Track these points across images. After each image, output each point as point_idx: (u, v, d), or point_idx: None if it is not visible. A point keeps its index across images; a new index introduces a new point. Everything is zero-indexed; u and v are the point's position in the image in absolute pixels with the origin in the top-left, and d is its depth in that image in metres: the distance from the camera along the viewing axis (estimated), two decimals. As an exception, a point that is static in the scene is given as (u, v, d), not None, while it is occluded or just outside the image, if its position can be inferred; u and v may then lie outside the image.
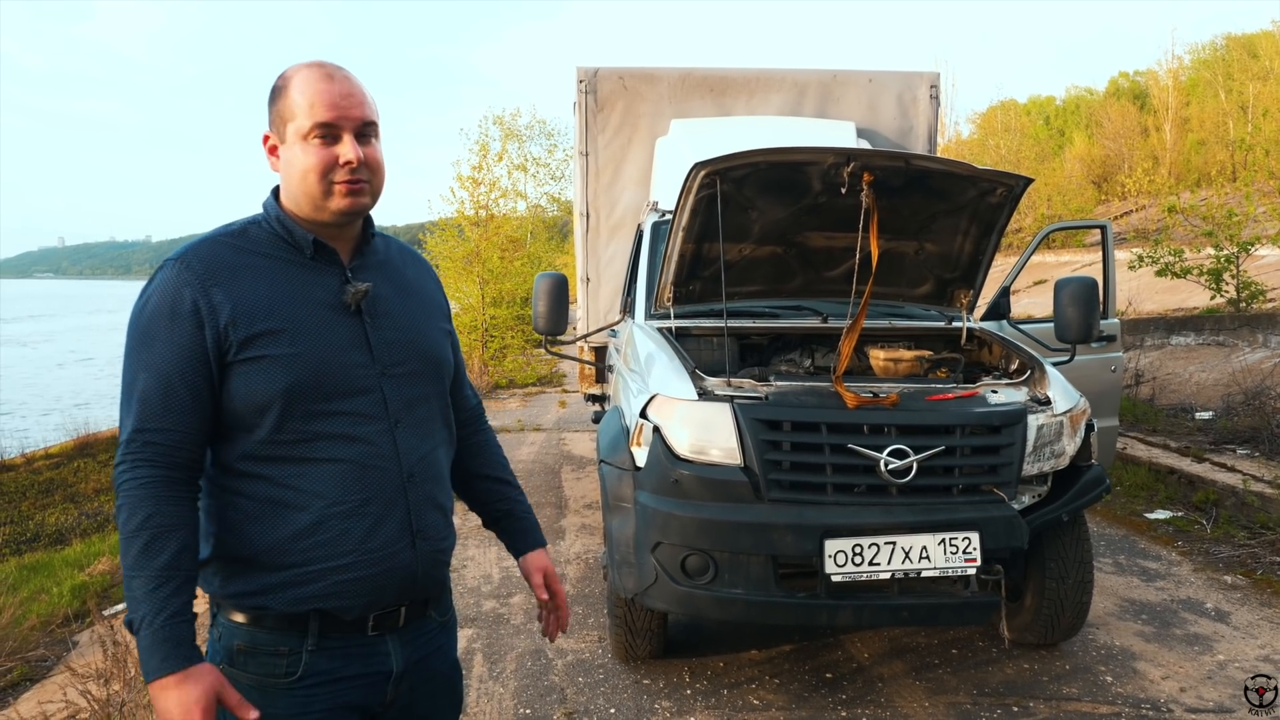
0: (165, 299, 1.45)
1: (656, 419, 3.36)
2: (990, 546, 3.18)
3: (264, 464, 1.47)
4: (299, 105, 1.49)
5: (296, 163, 1.51)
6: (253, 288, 1.48)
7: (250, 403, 1.46)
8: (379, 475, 1.52)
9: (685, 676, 3.68)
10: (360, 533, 1.49)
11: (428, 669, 1.63)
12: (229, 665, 1.48)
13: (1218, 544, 5.19)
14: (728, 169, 3.58)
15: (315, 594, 1.47)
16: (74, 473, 11.41)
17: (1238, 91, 26.53)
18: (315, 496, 1.47)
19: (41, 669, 4.86)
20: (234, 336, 1.45)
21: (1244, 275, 10.55)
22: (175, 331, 1.44)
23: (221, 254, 1.50)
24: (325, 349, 1.49)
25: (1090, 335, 4.22)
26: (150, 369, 1.43)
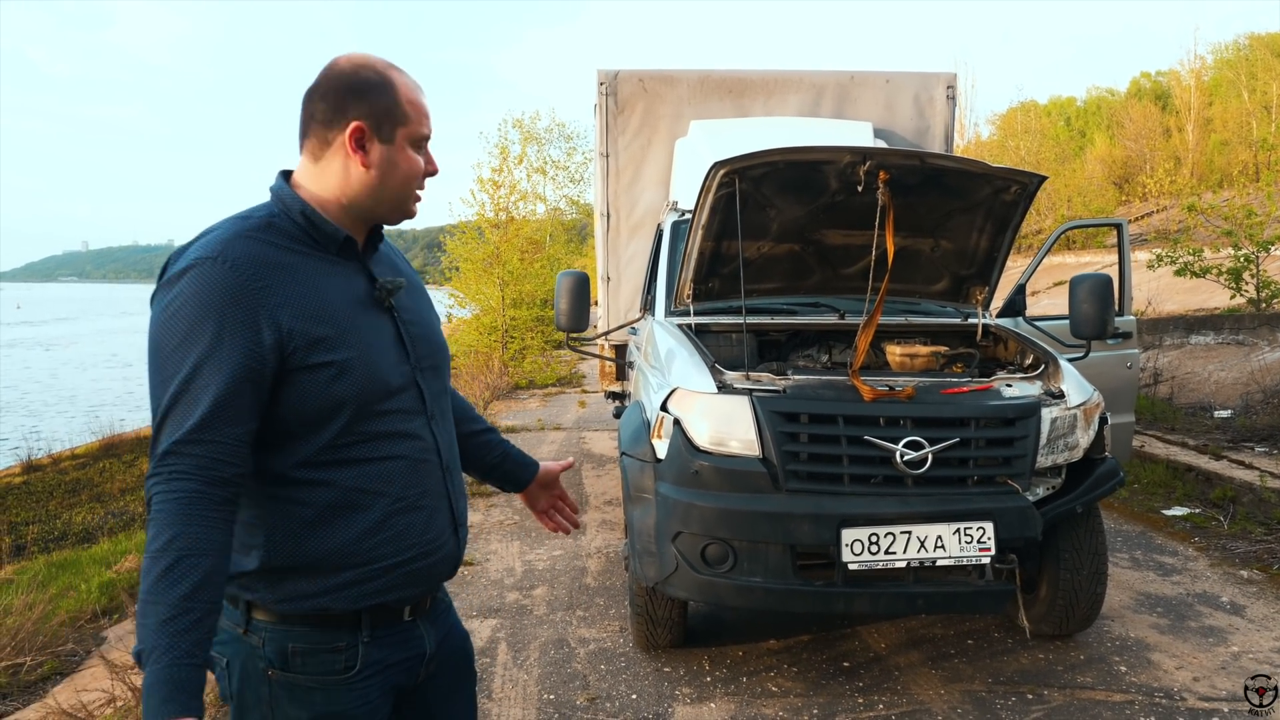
0: (211, 301, 1.34)
1: (677, 412, 3.44)
2: (1004, 536, 3.25)
3: (326, 469, 1.43)
4: (410, 113, 1.49)
5: (400, 167, 1.49)
6: (303, 289, 1.41)
7: (314, 411, 1.41)
8: (428, 468, 1.55)
9: (705, 664, 3.76)
10: (420, 526, 1.52)
11: (449, 645, 1.68)
12: (283, 670, 1.44)
13: (1234, 540, 5.22)
14: (746, 168, 3.67)
15: (379, 589, 1.48)
16: (100, 473, 11.63)
17: (1261, 91, 26.34)
18: (379, 495, 1.46)
19: (71, 663, 4.98)
20: (297, 342, 1.38)
21: (1264, 275, 10.52)
22: (227, 336, 1.33)
23: (261, 252, 1.40)
24: (374, 350, 1.47)
25: (1105, 331, 4.27)
26: (197, 375, 1.33)
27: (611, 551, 5.37)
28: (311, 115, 1.48)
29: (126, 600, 5.75)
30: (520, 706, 3.45)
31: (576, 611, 4.42)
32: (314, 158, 1.49)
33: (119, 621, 5.66)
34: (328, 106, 1.46)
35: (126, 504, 9.85)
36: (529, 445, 8.98)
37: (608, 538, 5.67)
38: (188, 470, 1.30)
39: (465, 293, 15.56)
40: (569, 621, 4.29)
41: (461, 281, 15.61)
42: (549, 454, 8.55)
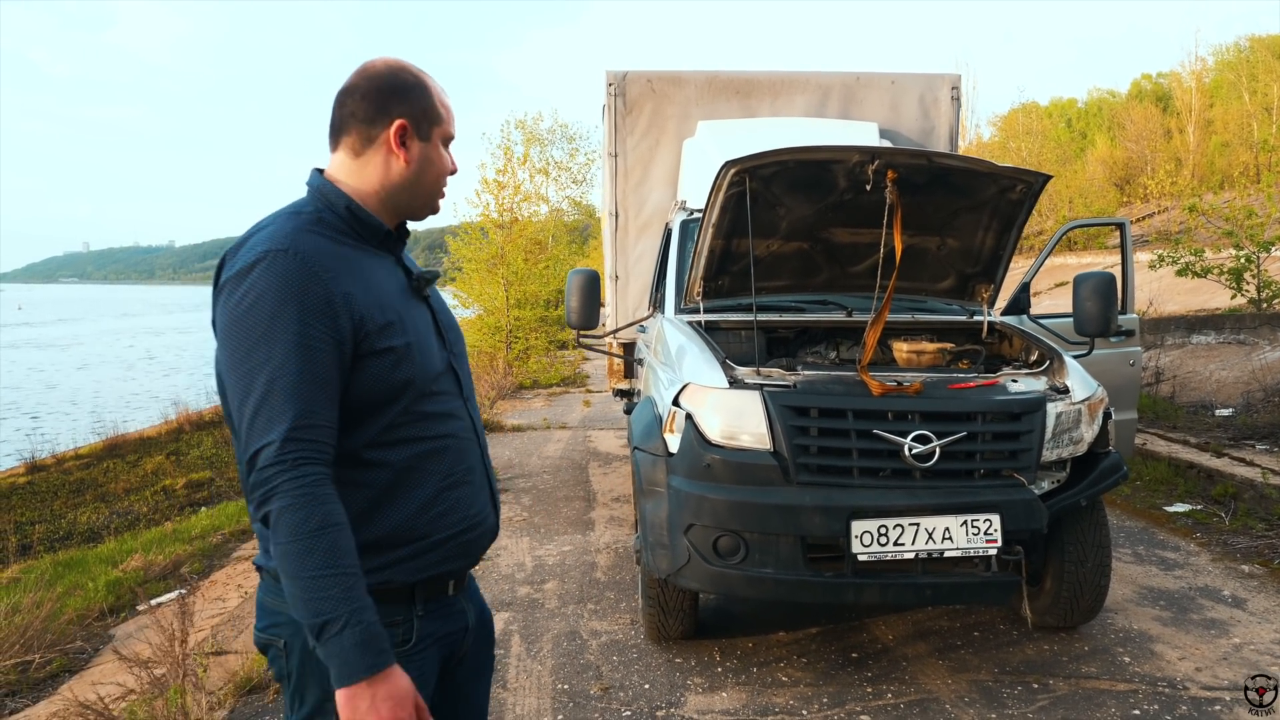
0: (290, 290, 1.40)
1: (689, 406, 3.51)
2: (1010, 528, 3.31)
3: (386, 449, 1.51)
4: (443, 114, 1.60)
5: (435, 163, 1.60)
6: (364, 279, 1.49)
7: (381, 393, 1.48)
8: (470, 446, 1.64)
9: (716, 655, 3.82)
10: (467, 500, 1.61)
11: (481, 620, 1.77)
12: None
13: (1236, 535, 5.28)
14: (757, 167, 3.73)
15: (434, 561, 1.56)
16: (104, 473, 11.66)
17: (1262, 93, 26.40)
18: (431, 473, 1.55)
19: (80, 660, 5.04)
20: (368, 328, 1.46)
21: (1265, 275, 10.58)
22: (312, 324, 1.40)
23: (323, 244, 1.48)
24: (421, 336, 1.57)
25: (1108, 329, 4.33)
26: (289, 365, 1.38)
27: (620, 547, 5.43)
28: (351, 114, 1.56)
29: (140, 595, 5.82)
30: (535, 696, 3.52)
31: (587, 605, 4.48)
32: (354, 153, 1.57)
33: (126, 619, 5.73)
34: (369, 106, 1.54)
35: (131, 504, 9.89)
36: (535, 444, 9.05)
37: (616, 534, 5.74)
38: (309, 455, 1.37)
39: (469, 293, 15.63)
40: (580, 614, 4.36)
41: (465, 282, 15.68)
42: (556, 452, 8.63)
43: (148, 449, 13.19)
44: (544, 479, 7.39)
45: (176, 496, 9.91)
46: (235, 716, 3.46)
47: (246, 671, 3.76)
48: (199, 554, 6.91)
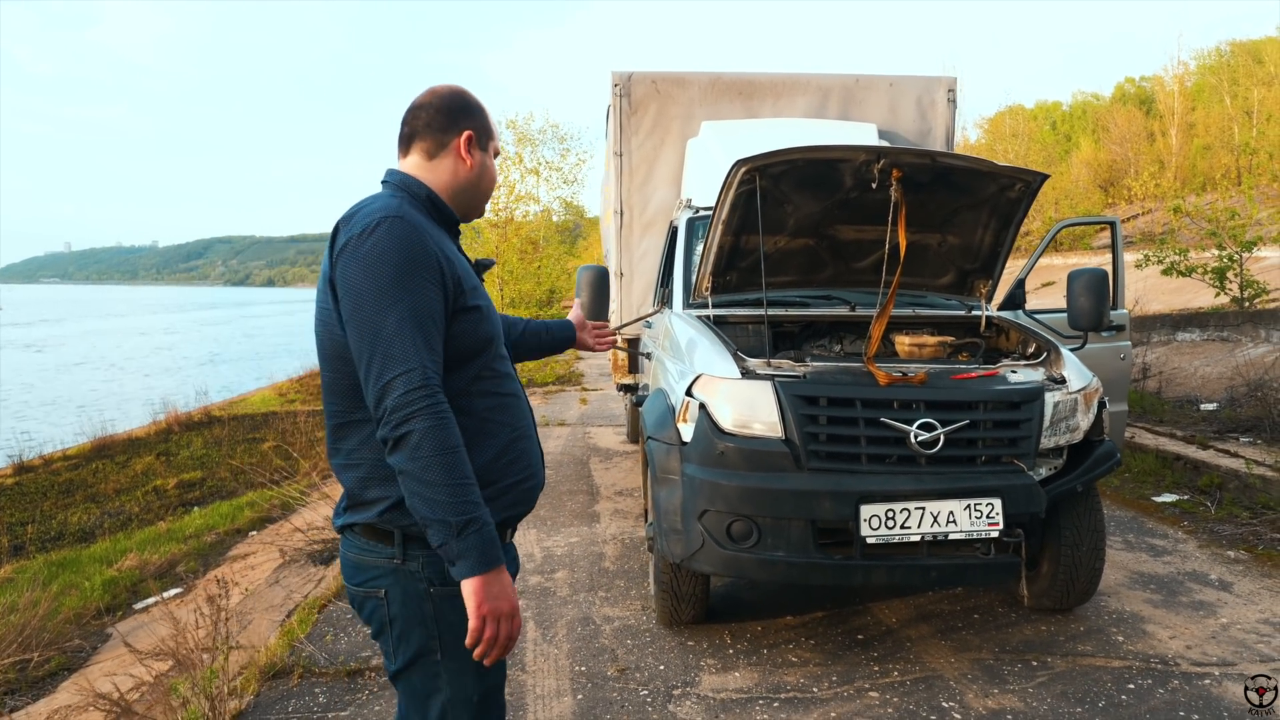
0: (408, 248, 1.63)
1: (702, 396, 3.64)
2: (1011, 512, 3.46)
3: (472, 398, 1.75)
4: (493, 130, 1.90)
5: (490, 172, 1.90)
6: (451, 250, 1.78)
7: (472, 345, 1.74)
8: (526, 408, 1.91)
9: (726, 638, 3.96)
10: (531, 452, 1.88)
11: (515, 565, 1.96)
12: (443, 585, 1.72)
13: (1221, 523, 5.46)
14: (766, 166, 3.87)
15: (510, 503, 1.81)
16: (93, 473, 11.63)
17: (1243, 97, 26.77)
18: (504, 425, 1.80)
19: (79, 659, 5.12)
20: (465, 286, 1.73)
21: (1247, 274, 10.82)
22: (427, 278, 1.64)
23: (419, 217, 1.73)
24: (491, 305, 1.85)
25: (1101, 324, 4.49)
26: (419, 308, 1.62)
27: (626, 538, 5.56)
28: (426, 124, 1.84)
29: (153, 588, 5.88)
30: (554, 678, 3.64)
31: (598, 592, 4.61)
32: (428, 157, 1.85)
33: (123, 618, 5.80)
34: (443, 118, 1.84)
35: (122, 504, 9.89)
36: (534, 440, 9.15)
37: (621, 525, 5.86)
38: (439, 385, 1.62)
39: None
40: (592, 601, 4.48)
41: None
42: (556, 448, 8.74)
43: (137, 449, 13.16)
44: (547, 474, 7.48)
45: (168, 496, 9.92)
46: (261, 701, 3.55)
47: (269, 658, 3.86)
48: (194, 553, 6.98)
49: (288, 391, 18.63)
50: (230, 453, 11.63)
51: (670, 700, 3.40)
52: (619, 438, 9.28)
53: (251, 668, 3.80)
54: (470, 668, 1.73)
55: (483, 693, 1.78)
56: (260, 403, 17.67)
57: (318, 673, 3.74)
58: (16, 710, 4.39)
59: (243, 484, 9.51)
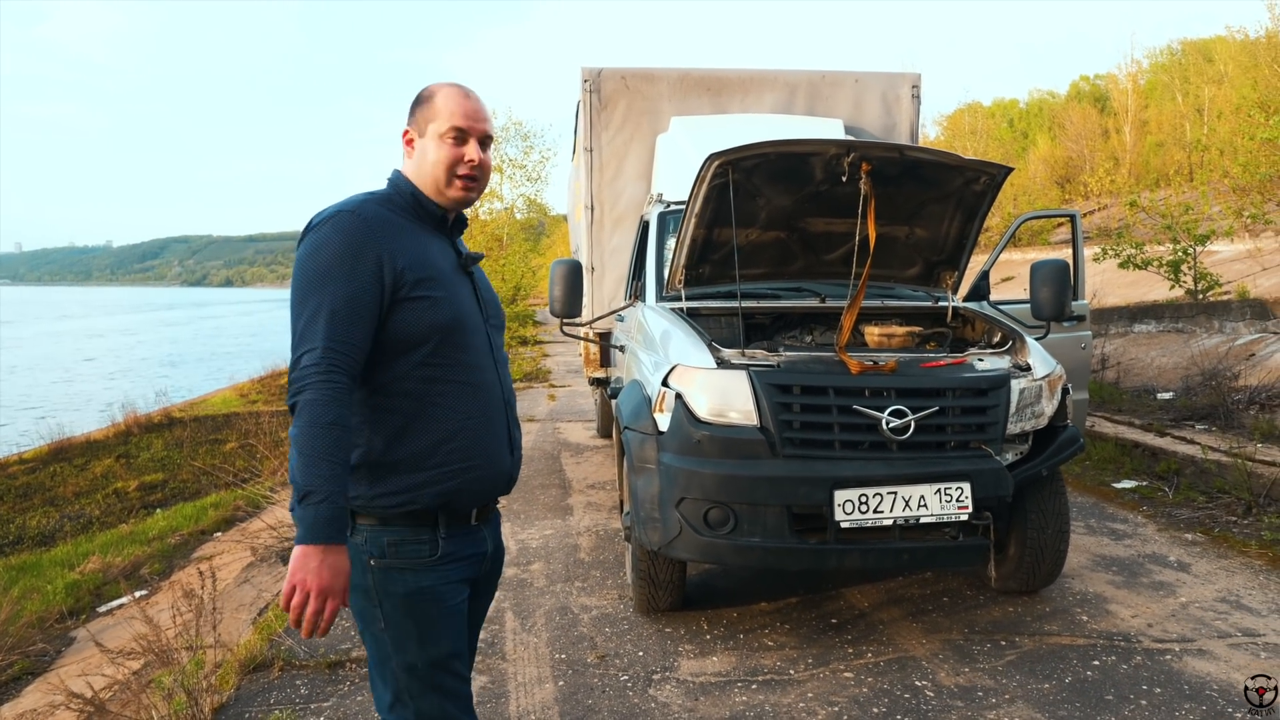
0: (348, 242, 1.77)
1: (678, 386, 3.69)
2: (980, 495, 3.55)
3: (417, 383, 1.84)
4: (442, 111, 1.90)
5: (430, 155, 1.91)
6: (412, 243, 1.86)
7: (415, 332, 1.82)
8: (492, 397, 1.95)
9: (703, 625, 4.02)
10: (484, 440, 1.92)
11: (498, 552, 2.11)
12: (381, 558, 1.85)
13: (1179, 508, 5.63)
14: (739, 160, 3.93)
15: (452, 489, 1.87)
16: (51, 477, 11.42)
17: (1193, 95, 27.38)
18: (453, 410, 1.87)
19: (43, 663, 5.06)
20: (408, 278, 1.80)
21: (1200, 267, 11.11)
22: (358, 269, 1.75)
23: (384, 214, 1.85)
24: (459, 299, 1.91)
25: (1063, 313, 4.60)
26: (338, 296, 1.73)
27: (600, 530, 5.61)
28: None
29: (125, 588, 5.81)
30: (535, 665, 3.68)
31: (575, 583, 4.65)
32: (408, 155, 1.98)
33: (88, 621, 5.74)
34: (408, 117, 1.98)
35: (82, 507, 9.74)
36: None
37: (595, 518, 5.91)
38: (342, 366, 1.72)
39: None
40: (569, 592, 4.52)
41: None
42: (527, 443, 8.75)
43: (96, 452, 12.94)
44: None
45: (129, 499, 9.79)
46: (242, 694, 3.55)
47: (248, 651, 3.85)
48: (158, 555, 6.92)
49: (249, 392, 18.42)
50: (192, 454, 11.49)
51: (650, 684, 3.45)
52: (589, 433, 9.32)
53: (231, 661, 3.79)
54: (413, 637, 1.85)
55: (429, 662, 1.87)
56: (221, 404, 17.45)
57: (298, 665, 3.74)
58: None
59: (209, 484, 9.42)
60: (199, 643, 3.91)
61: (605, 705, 3.31)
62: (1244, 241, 14.22)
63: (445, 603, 1.89)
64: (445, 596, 1.89)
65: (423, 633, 1.86)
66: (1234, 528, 5.21)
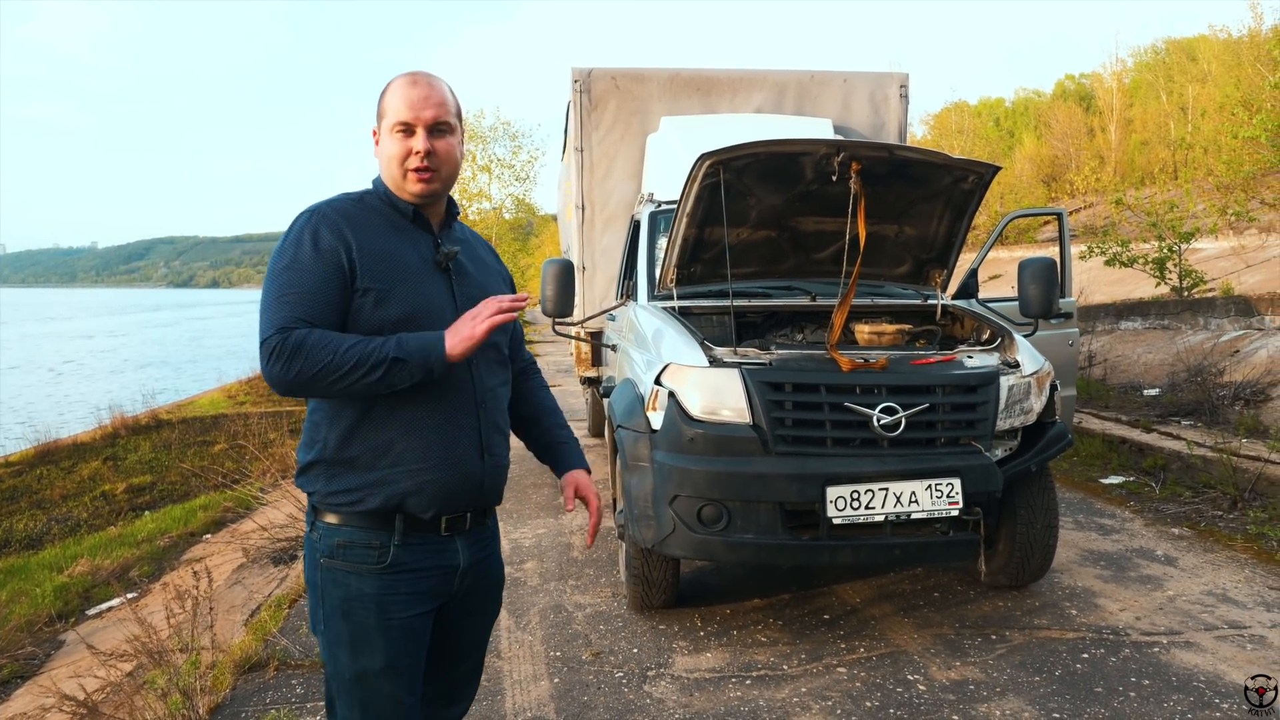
0: (307, 237, 1.79)
1: (671, 385, 3.72)
2: (970, 491, 3.59)
3: None
4: (390, 106, 1.87)
5: (384, 151, 1.89)
6: (372, 237, 1.84)
7: (367, 326, 1.78)
8: (459, 399, 1.87)
9: (697, 622, 4.05)
10: (443, 444, 1.84)
11: (483, 568, 1.99)
12: (329, 558, 1.83)
13: (1166, 503, 5.70)
14: (730, 159, 3.96)
15: (403, 492, 1.81)
16: (37, 479, 11.36)
17: (1178, 93, 27.56)
18: (412, 410, 1.81)
19: (32, 666, 5.05)
20: (360, 269, 1.79)
21: (1186, 264, 11.21)
22: (319, 258, 1.77)
23: (348, 209, 1.87)
24: (423, 294, 1.86)
25: (1051, 311, 4.64)
26: (298, 284, 1.75)
27: (593, 528, 5.62)
28: None
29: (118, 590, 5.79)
30: (530, 663, 3.70)
31: (568, 581, 4.67)
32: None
33: (77, 624, 5.72)
34: None
35: (70, 510, 9.70)
36: (496, 436, 9.16)
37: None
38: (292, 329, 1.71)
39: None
40: (563, 590, 4.54)
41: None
42: (516, 444, 8.69)
43: (83, 454, 12.88)
44: (510, 468, 7.53)
45: (117, 501, 9.75)
46: (238, 694, 3.56)
47: (243, 652, 3.86)
48: (147, 557, 6.90)
49: (237, 393, 18.35)
50: (181, 456, 11.44)
51: (645, 681, 3.48)
52: (580, 431, 9.33)
53: (225, 661, 3.79)
54: (344, 644, 1.82)
55: (356, 674, 1.82)
56: (209, 405, 17.38)
57: (293, 665, 3.75)
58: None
59: (198, 486, 9.39)
60: (194, 643, 3.92)
61: (601, 701, 3.33)
62: (1228, 239, 14.35)
63: (387, 614, 1.81)
64: (389, 608, 1.81)
65: (355, 641, 1.81)
66: (1220, 522, 5.27)
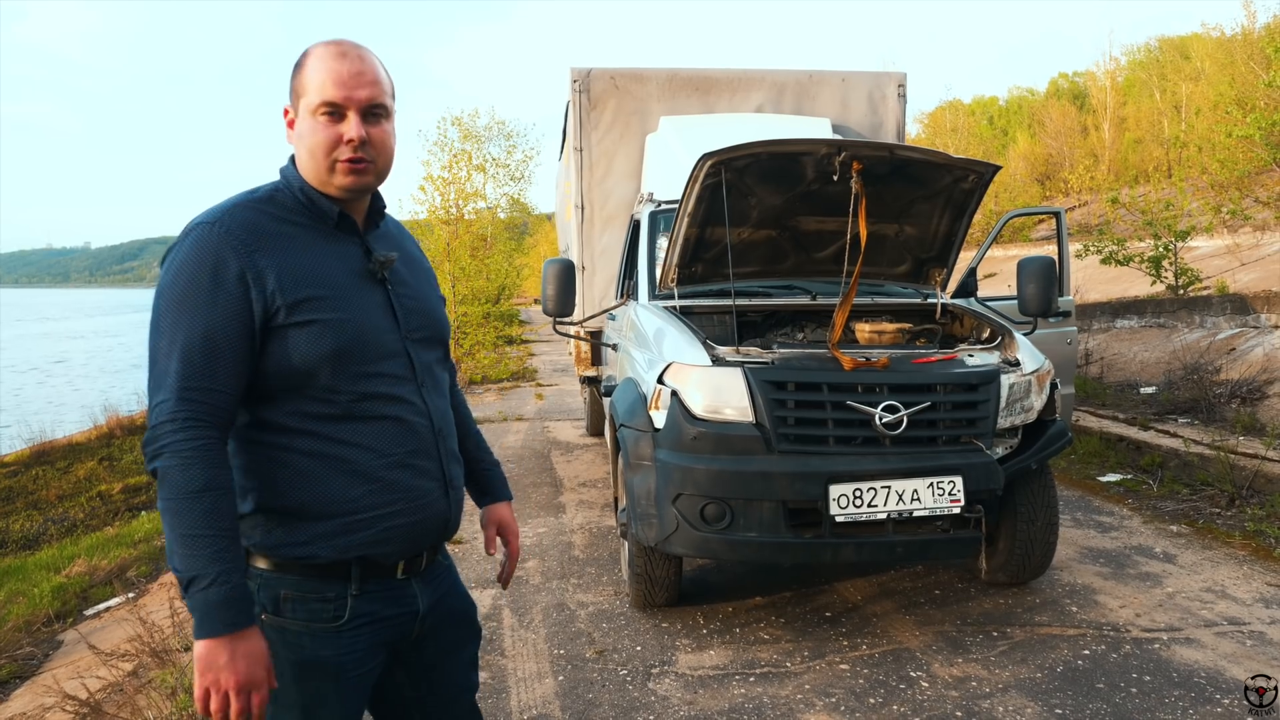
0: (206, 263, 1.46)
1: (674, 384, 3.73)
2: (972, 489, 3.61)
3: (316, 421, 1.53)
4: (311, 82, 1.54)
5: (305, 138, 1.56)
6: (293, 255, 1.53)
7: (301, 364, 1.50)
8: (418, 430, 1.62)
9: (699, 620, 4.06)
10: (406, 483, 1.60)
11: (446, 605, 1.76)
12: (274, 614, 1.54)
13: (1164, 500, 5.73)
14: (731, 159, 3.98)
15: (364, 540, 1.56)
16: (33, 480, 11.34)
17: (1171, 91, 27.62)
18: (367, 450, 1.56)
19: (30, 667, 5.04)
20: (282, 301, 1.49)
21: (1181, 263, 11.25)
22: (220, 294, 1.45)
23: (257, 220, 1.53)
24: (362, 314, 1.57)
25: (1050, 309, 4.67)
26: (194, 331, 1.44)
27: (593, 527, 5.64)
28: None
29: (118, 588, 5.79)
30: (534, 661, 3.71)
31: (570, 580, 4.68)
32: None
33: (75, 624, 5.72)
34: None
35: (66, 510, 9.69)
36: (495, 436, 9.18)
37: (587, 515, 5.94)
38: (201, 416, 1.43)
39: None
40: (565, 588, 4.55)
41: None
42: (516, 442, 8.78)
43: (78, 455, 12.86)
44: (509, 468, 7.55)
45: (114, 501, 9.75)
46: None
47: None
48: (144, 557, 6.90)
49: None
50: (178, 456, 11.43)
51: (649, 678, 3.49)
52: (578, 431, 9.34)
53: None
54: (294, 710, 1.56)
55: None
56: (206, 405, 17.33)
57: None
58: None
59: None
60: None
61: (606, 699, 3.34)
62: (1223, 237, 14.40)
63: (345, 676, 1.58)
64: (346, 669, 1.57)
65: (309, 708, 1.56)
66: (1218, 519, 5.30)
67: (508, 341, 19.24)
